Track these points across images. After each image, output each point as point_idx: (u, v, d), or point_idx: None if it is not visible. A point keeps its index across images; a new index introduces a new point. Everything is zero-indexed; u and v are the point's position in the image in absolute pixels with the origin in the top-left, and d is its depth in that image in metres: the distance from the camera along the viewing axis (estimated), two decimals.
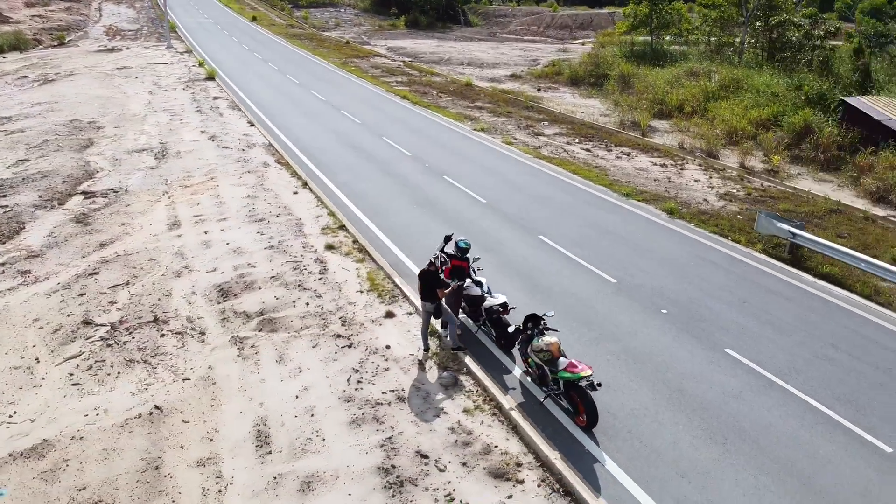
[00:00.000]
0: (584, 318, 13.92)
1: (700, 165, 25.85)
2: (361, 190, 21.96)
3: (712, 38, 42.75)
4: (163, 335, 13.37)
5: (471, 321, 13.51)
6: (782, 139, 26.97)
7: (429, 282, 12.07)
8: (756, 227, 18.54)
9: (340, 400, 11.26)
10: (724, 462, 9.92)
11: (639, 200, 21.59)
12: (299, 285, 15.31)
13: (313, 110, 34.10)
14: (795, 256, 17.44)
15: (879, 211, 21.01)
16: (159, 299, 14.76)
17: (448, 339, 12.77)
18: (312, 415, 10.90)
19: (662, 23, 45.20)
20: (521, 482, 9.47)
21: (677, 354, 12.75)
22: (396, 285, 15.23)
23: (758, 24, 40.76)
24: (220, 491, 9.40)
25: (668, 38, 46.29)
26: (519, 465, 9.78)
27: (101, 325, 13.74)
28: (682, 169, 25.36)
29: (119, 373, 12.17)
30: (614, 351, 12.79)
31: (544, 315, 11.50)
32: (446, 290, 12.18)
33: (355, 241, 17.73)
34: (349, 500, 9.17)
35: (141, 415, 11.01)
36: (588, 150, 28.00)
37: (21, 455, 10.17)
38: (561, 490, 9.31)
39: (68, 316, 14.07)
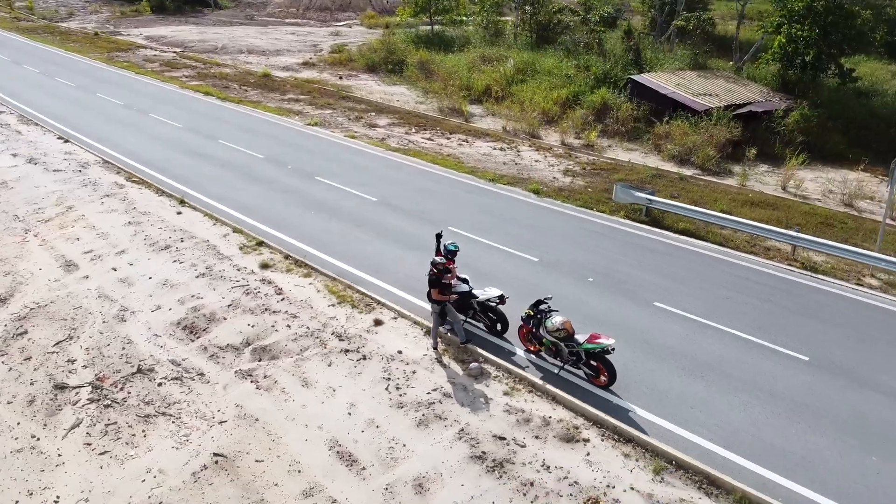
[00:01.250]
0: (537, 295, 15.99)
1: (531, 146, 29.19)
2: (245, 201, 21.64)
3: (490, 22, 46.64)
4: (160, 384, 12.88)
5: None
6: (587, 117, 31.30)
7: (443, 278, 13.33)
8: (614, 198, 22.06)
9: (392, 408, 12.16)
10: (711, 391, 12.78)
11: (504, 184, 24.15)
12: (266, 309, 15.37)
13: (119, 117, 31.56)
14: (652, 218, 21.24)
15: (687, 171, 25.96)
16: (124, 348, 13.94)
17: (450, 335, 14.10)
18: (377, 426, 11.70)
19: (441, 8, 48.17)
20: (588, 440, 11.41)
21: (625, 313, 15.46)
22: (364, 293, 15.99)
23: (527, 7, 45.44)
24: None
25: (446, 22, 49.38)
26: (577, 427, 11.69)
27: (79, 386, 12.78)
28: (518, 151, 28.45)
29: (144, 431, 11.69)
30: (580, 319, 15.02)
31: (545, 299, 13.40)
32: (450, 295, 13.53)
33: (287, 256, 17.88)
34: (466, 489, 10.38)
35: (206, 466, 10.91)
36: (430, 139, 29.95)
37: None
38: (622, 439, 11.43)
39: (32, 384, 12.82)
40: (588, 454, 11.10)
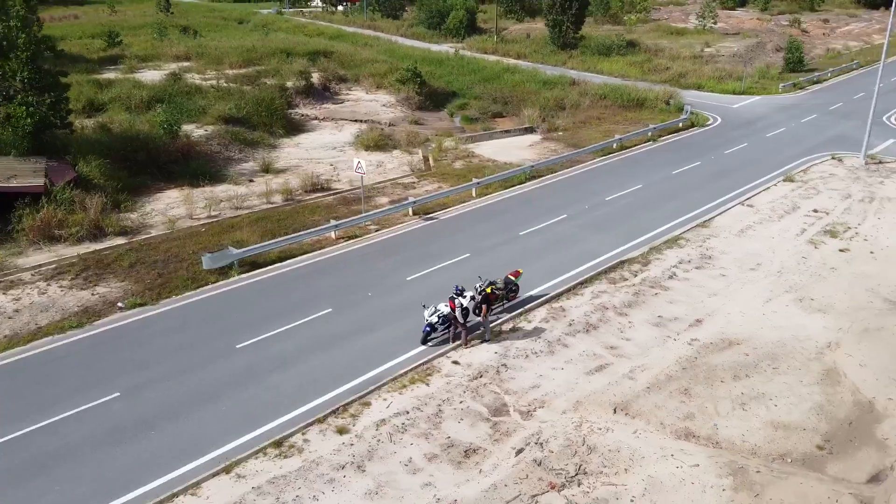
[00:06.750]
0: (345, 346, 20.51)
1: None
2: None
3: None
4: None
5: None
6: None
7: (490, 301, 19.18)
8: (206, 267, 23.26)
9: (587, 374, 18.18)
10: (553, 262, 23.37)
11: (94, 320, 20.68)
12: (437, 416, 15.54)
13: None
14: (252, 265, 24.14)
15: (105, 244, 25.92)
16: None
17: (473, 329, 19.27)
18: (605, 365, 18.20)
19: None
20: (566, 306, 21.11)
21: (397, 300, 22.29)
22: (409, 370, 17.99)
23: None
24: None
25: None
26: (562, 309, 20.94)
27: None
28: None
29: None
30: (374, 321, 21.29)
31: (490, 281, 20.38)
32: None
33: (318, 423, 15.16)
34: (625, 333, 19.57)
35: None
36: None
37: None
38: (576, 293, 21.76)
39: None
40: (587, 302, 21.34)
